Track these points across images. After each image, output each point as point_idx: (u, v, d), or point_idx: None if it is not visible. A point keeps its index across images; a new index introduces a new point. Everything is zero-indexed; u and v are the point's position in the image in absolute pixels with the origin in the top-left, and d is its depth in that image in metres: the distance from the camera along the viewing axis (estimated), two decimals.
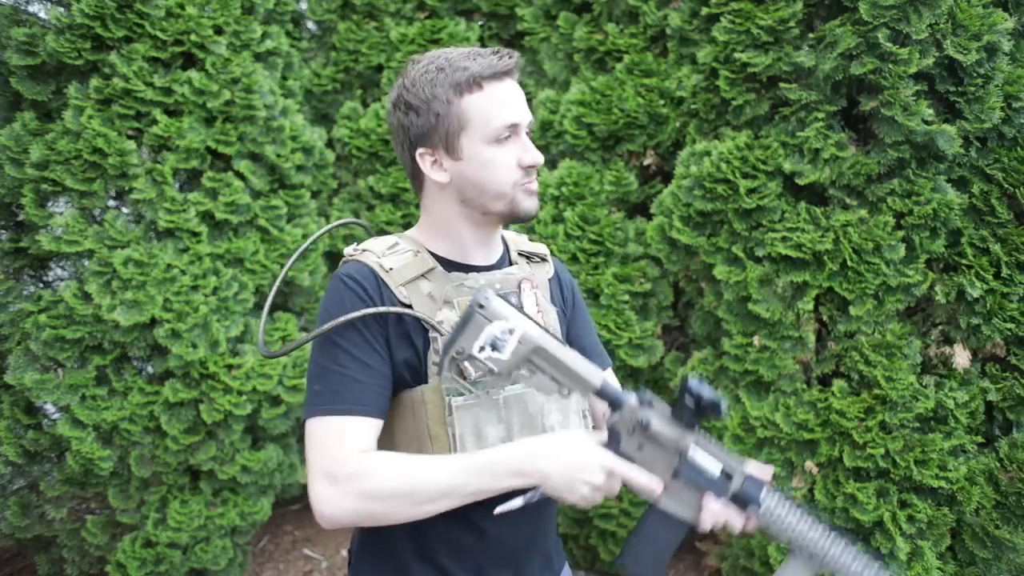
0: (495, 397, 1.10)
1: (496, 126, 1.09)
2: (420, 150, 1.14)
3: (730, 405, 2.57)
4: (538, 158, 1.12)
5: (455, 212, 1.16)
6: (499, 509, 1.03)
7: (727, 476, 1.01)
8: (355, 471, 0.98)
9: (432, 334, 1.08)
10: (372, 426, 1.05)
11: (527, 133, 1.14)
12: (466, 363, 1.03)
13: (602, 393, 1.01)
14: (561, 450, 1.00)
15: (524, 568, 1.20)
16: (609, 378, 1.09)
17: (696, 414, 0.99)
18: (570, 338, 1.30)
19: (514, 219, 1.15)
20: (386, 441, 1.09)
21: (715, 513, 1.00)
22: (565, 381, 1.00)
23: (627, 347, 2.78)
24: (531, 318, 1.05)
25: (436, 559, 1.13)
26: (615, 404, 1.02)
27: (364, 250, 1.15)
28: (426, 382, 1.09)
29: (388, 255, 1.13)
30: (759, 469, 1.03)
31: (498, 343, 0.97)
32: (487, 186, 1.11)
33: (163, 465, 2.66)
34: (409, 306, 1.09)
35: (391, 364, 1.08)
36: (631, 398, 1.02)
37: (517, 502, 1.03)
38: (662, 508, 1.02)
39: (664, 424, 1.01)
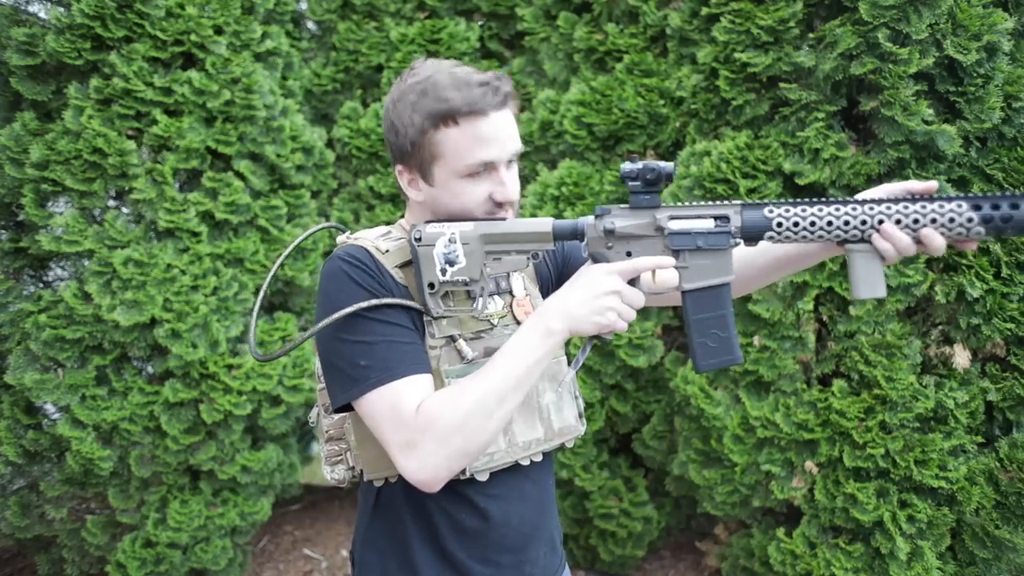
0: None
1: (468, 163, 1.08)
2: (399, 167, 1.16)
3: (730, 405, 2.57)
4: (510, 195, 1.11)
5: (429, 210, 1.19)
6: (570, 373, 1.10)
7: (723, 220, 0.98)
8: (422, 425, 0.99)
9: (426, 318, 1.11)
10: (425, 382, 1.06)
11: (510, 163, 1.13)
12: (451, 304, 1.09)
13: (558, 232, 1.04)
14: (566, 291, 1.03)
15: (529, 553, 1.21)
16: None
17: (649, 188, 0.98)
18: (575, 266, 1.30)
19: None
20: None
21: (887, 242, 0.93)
22: (524, 246, 1.05)
23: (627, 347, 2.78)
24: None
25: (441, 546, 1.14)
26: (576, 233, 1.04)
27: (358, 237, 1.17)
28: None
29: (382, 240, 1.15)
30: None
31: (450, 256, 1.04)
32: (457, 215, 1.13)
33: (163, 465, 2.66)
34: (406, 287, 1.12)
35: None
36: (588, 219, 1.05)
37: (580, 358, 1.06)
38: (688, 288, 1.00)
39: (628, 218, 1.01)
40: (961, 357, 2.36)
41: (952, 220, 0.90)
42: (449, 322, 1.13)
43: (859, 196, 0.98)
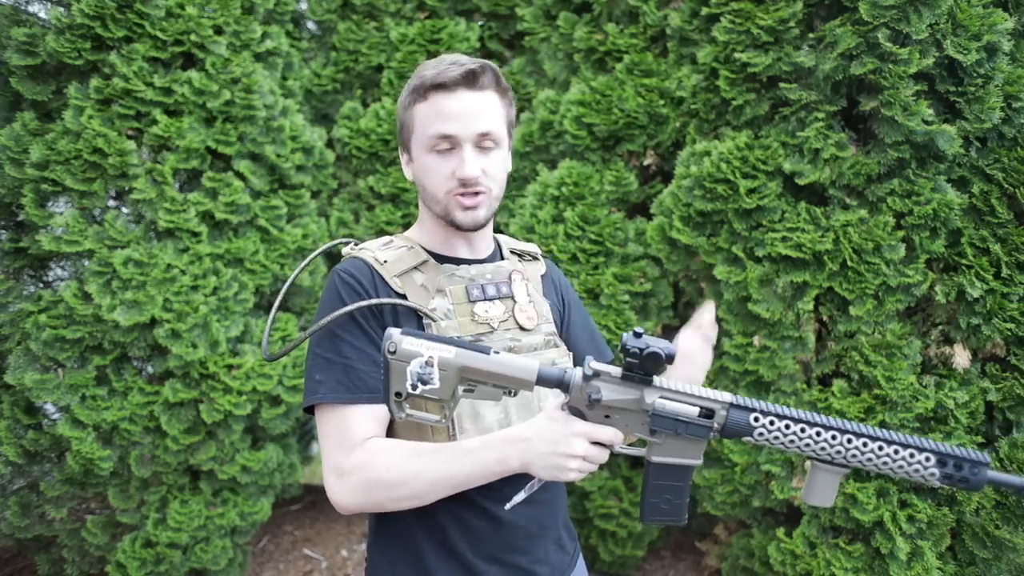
0: None
1: (430, 135, 1.14)
2: (400, 148, 1.24)
3: None
4: (468, 172, 1.13)
5: (424, 211, 1.24)
6: (508, 506, 1.07)
7: (708, 414, 0.98)
8: (357, 463, 1.05)
9: (426, 321, 1.13)
10: (376, 413, 1.10)
11: (484, 146, 1.15)
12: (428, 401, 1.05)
13: (543, 382, 1.01)
14: (533, 434, 1.01)
15: (537, 552, 1.22)
16: (591, 363, 1.07)
17: (646, 369, 0.96)
18: (570, 336, 1.34)
19: (454, 226, 1.19)
20: (387, 427, 1.13)
21: None
22: (504, 383, 1.00)
23: None
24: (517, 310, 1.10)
25: (452, 547, 1.15)
26: (562, 385, 1.01)
27: (361, 248, 1.21)
28: None
29: (383, 250, 1.19)
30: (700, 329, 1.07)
31: (424, 377, 0.98)
32: (427, 190, 1.18)
33: (163, 465, 2.66)
34: (403, 296, 1.14)
35: None
36: (575, 376, 1.00)
37: (519, 496, 1.06)
38: (655, 461, 1.01)
39: (616, 390, 0.99)
40: (961, 357, 2.36)
41: (916, 471, 0.95)
42: (449, 324, 1.14)
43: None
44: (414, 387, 0.98)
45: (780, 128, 2.48)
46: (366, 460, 1.05)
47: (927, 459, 0.94)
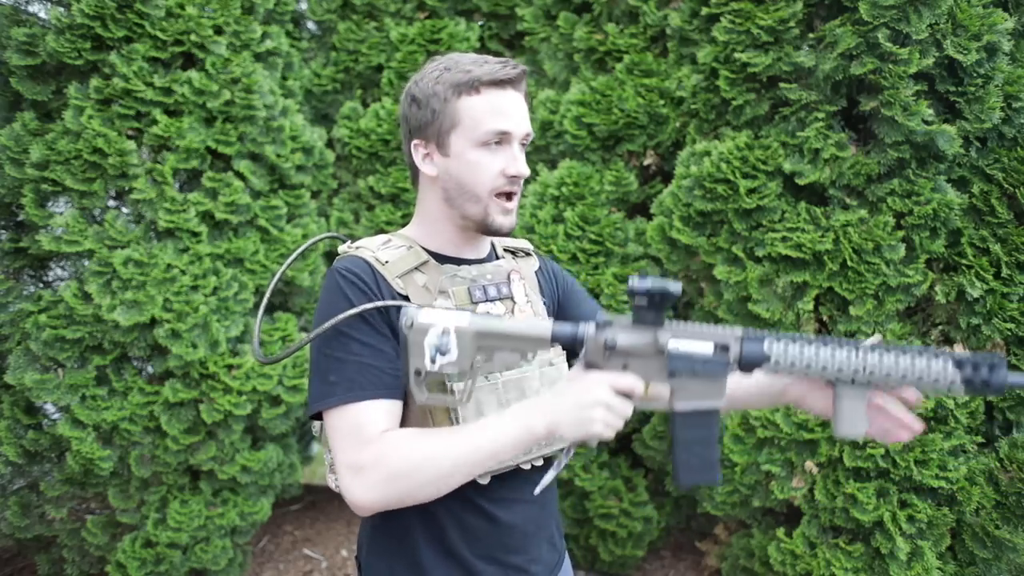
0: (494, 382, 1.13)
1: (485, 130, 1.12)
2: (415, 141, 1.19)
3: None
4: (522, 170, 1.14)
5: (441, 210, 1.20)
6: (536, 490, 1.06)
7: (723, 348, 0.99)
8: (374, 457, 1.01)
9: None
10: (390, 408, 1.07)
11: (521, 145, 1.16)
12: (447, 381, 1.06)
13: (557, 339, 1.01)
14: (555, 395, 1.01)
15: (532, 551, 1.22)
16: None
17: (655, 309, 0.97)
18: (569, 313, 1.33)
19: (487, 230, 1.18)
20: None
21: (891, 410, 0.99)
22: (521, 346, 1.01)
23: None
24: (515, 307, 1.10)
25: (449, 546, 1.15)
26: (576, 340, 1.01)
27: (359, 247, 1.18)
28: None
29: (383, 249, 1.16)
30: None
31: (442, 348, 0.99)
32: (467, 187, 1.15)
33: (163, 465, 2.66)
34: (406, 297, 1.12)
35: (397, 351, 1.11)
36: (589, 327, 1.01)
37: (550, 475, 1.04)
38: (679, 410, 1.00)
39: (630, 335, 0.99)
40: None
41: (937, 380, 0.95)
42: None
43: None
44: (433, 360, 0.98)
45: (780, 128, 2.48)
46: (384, 451, 1.01)
47: (945, 364, 0.94)
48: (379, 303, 1.08)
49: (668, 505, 3.07)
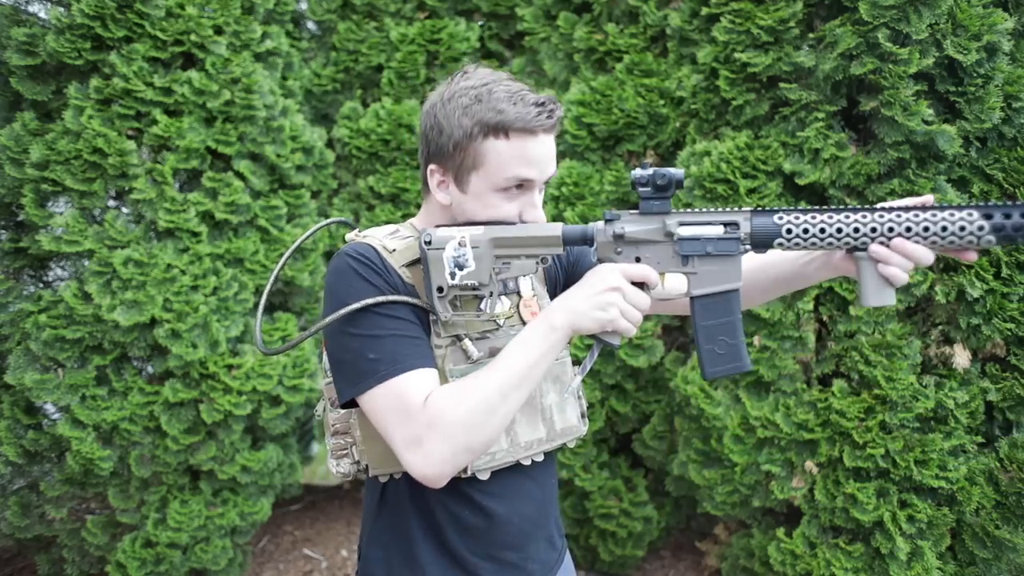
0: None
1: (507, 176, 1.09)
2: (432, 166, 1.15)
3: (730, 405, 2.57)
4: (539, 217, 1.13)
5: (444, 215, 1.18)
6: (574, 384, 1.09)
7: (733, 226, 0.98)
8: (427, 421, 0.99)
9: (432, 317, 1.11)
10: (433, 376, 1.06)
11: (542, 187, 1.14)
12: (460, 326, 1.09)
13: (568, 237, 1.05)
14: (571, 289, 1.03)
15: (529, 549, 1.22)
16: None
17: (661, 196, 0.99)
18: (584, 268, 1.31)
19: None
20: None
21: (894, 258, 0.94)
22: (534, 251, 1.05)
23: (627, 347, 2.78)
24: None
25: (445, 542, 1.15)
26: (586, 238, 1.04)
27: (366, 235, 1.17)
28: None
29: (390, 239, 1.15)
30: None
31: (460, 260, 1.03)
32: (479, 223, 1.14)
33: (163, 465, 2.66)
34: (412, 286, 1.11)
35: None
36: (597, 224, 1.05)
37: (587, 364, 1.06)
38: (696, 294, 1.00)
39: (638, 223, 1.01)
40: (961, 357, 2.36)
41: (963, 228, 0.90)
42: (455, 321, 1.13)
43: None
44: (452, 275, 1.02)
45: (780, 128, 2.48)
46: (434, 413, 0.99)
47: (970, 215, 0.89)
48: (389, 297, 1.06)
49: (668, 505, 3.07)
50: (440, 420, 0.98)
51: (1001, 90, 2.28)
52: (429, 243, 1.04)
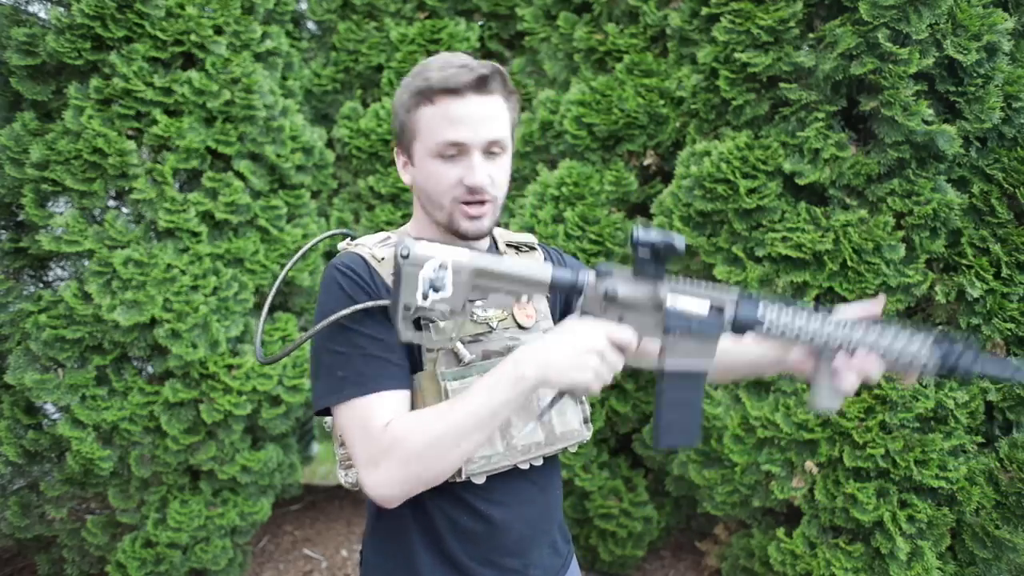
0: (486, 366, 1.11)
1: (438, 142, 1.09)
2: (396, 148, 1.20)
3: (730, 405, 2.57)
4: (479, 180, 1.09)
5: (423, 213, 1.19)
6: (535, 420, 1.05)
7: (718, 310, 0.98)
8: (388, 444, 1.00)
9: (423, 322, 1.09)
10: (399, 397, 1.06)
11: (491, 152, 1.12)
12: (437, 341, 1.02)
13: (556, 284, 0.98)
14: (548, 338, 0.99)
15: (531, 555, 1.20)
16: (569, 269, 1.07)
17: (657, 262, 0.96)
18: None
19: (457, 236, 1.15)
20: None
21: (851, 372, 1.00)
22: (517, 288, 0.98)
23: None
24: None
25: (445, 549, 1.14)
26: (575, 288, 0.99)
27: (357, 244, 1.17)
28: (422, 369, 1.10)
29: (380, 247, 1.15)
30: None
31: (436, 283, 0.95)
32: (431, 196, 1.13)
33: (163, 465, 2.66)
34: None
35: None
36: (589, 275, 0.99)
37: (531, 426, 1.04)
38: (669, 369, 0.99)
39: (631, 287, 0.98)
40: None
41: (913, 362, 1.00)
42: (446, 325, 1.12)
43: (836, 315, 1.03)
44: (425, 296, 0.94)
45: (780, 128, 2.48)
46: (394, 438, 1.00)
47: (924, 342, 0.99)
48: (378, 303, 1.06)
49: (668, 505, 3.07)
50: (397, 448, 1.00)
51: (1001, 90, 2.28)
52: (406, 257, 0.94)
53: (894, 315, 2.39)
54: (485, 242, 1.27)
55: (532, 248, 1.34)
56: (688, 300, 0.98)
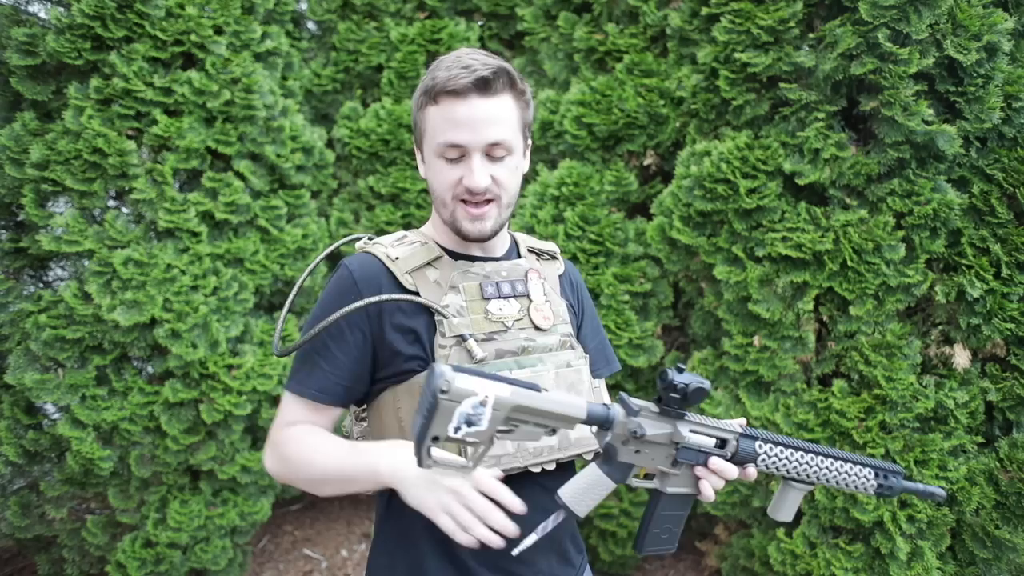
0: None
1: (439, 143, 1.11)
2: (415, 146, 1.22)
3: (730, 405, 2.57)
4: (477, 183, 1.09)
5: (437, 212, 1.21)
6: (515, 551, 1.03)
7: (721, 443, 1.07)
8: (280, 440, 1.15)
9: (437, 317, 1.12)
10: (320, 412, 1.16)
11: (494, 155, 1.11)
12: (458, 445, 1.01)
13: (589, 421, 0.99)
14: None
15: (540, 563, 1.20)
16: (598, 393, 1.16)
17: (685, 403, 1.02)
18: (580, 342, 1.31)
19: (459, 235, 1.17)
20: (394, 421, 1.13)
21: (712, 476, 1.08)
22: (551, 423, 0.96)
23: (627, 347, 2.78)
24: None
25: (452, 551, 1.13)
26: (607, 422, 1.00)
27: (375, 243, 1.20)
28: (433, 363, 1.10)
29: (396, 246, 1.18)
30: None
31: (473, 418, 0.89)
32: (436, 194, 1.17)
33: (163, 465, 2.66)
34: (416, 293, 1.13)
35: (372, 358, 1.15)
36: (619, 413, 1.00)
37: (531, 539, 1.03)
38: (670, 491, 1.07)
39: (656, 425, 1.03)
40: (961, 357, 2.36)
41: (858, 485, 1.18)
42: (461, 321, 1.12)
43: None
44: (456, 429, 0.89)
45: (780, 128, 2.48)
46: (285, 439, 1.13)
47: (870, 473, 1.18)
48: (384, 297, 1.09)
49: None
50: (281, 447, 1.14)
51: (1001, 90, 2.28)
52: (446, 392, 0.86)
53: (894, 315, 2.39)
54: (505, 244, 1.28)
55: (554, 257, 1.34)
56: (700, 438, 1.06)
